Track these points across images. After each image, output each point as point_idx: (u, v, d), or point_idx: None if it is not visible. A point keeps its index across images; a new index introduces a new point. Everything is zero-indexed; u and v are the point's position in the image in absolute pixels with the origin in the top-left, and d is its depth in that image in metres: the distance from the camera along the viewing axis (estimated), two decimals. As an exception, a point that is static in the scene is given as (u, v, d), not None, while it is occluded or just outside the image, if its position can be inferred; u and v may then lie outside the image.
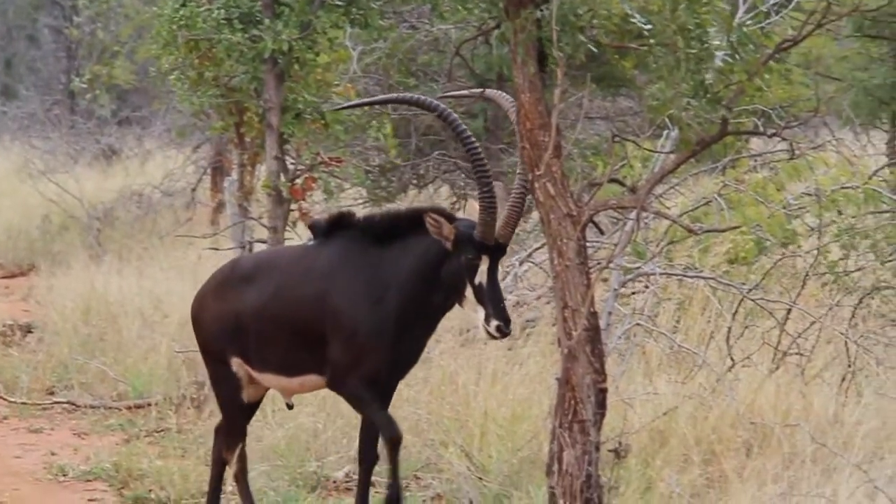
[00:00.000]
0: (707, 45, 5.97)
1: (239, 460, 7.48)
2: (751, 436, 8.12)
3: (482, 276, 6.69)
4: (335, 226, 7.11)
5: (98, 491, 8.75)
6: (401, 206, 8.91)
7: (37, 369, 11.55)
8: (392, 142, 11.32)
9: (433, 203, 13.42)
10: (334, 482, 8.54)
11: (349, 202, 13.94)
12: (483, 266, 6.69)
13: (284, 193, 9.97)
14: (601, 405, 6.27)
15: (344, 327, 6.90)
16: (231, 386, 7.34)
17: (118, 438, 9.95)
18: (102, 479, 8.92)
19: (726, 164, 11.07)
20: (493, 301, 6.66)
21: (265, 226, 10.31)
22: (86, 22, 21.31)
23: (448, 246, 6.76)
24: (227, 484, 7.75)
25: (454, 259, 6.74)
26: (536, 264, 10.80)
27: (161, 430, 9.96)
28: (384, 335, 6.85)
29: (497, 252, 6.72)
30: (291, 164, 10.22)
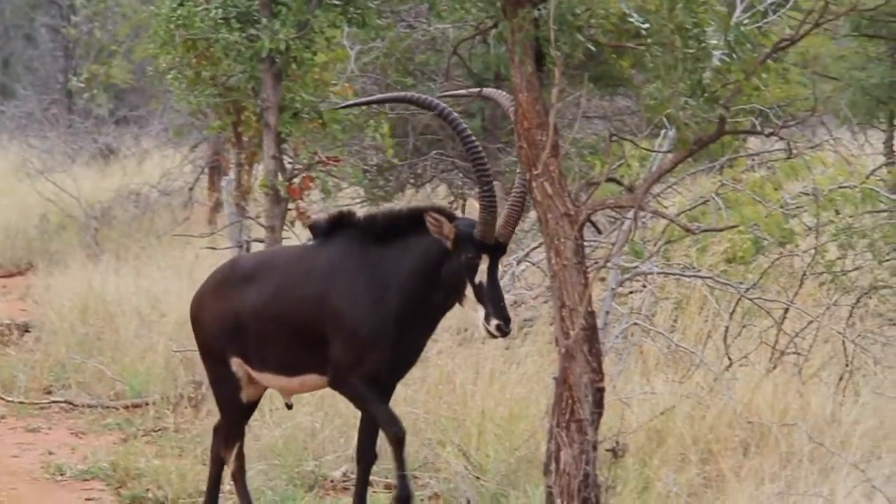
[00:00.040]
0: (704, 44, 5.97)
1: (237, 459, 7.48)
2: (748, 435, 8.12)
3: (482, 275, 6.69)
4: (335, 225, 7.10)
5: (95, 490, 8.74)
6: (401, 206, 8.86)
7: (34, 368, 11.55)
8: (389, 141, 11.29)
9: (431, 202, 13.40)
10: (332, 481, 8.54)
11: (347, 201, 13.92)
12: (483, 265, 6.69)
13: (282, 193, 9.97)
14: (598, 404, 6.27)
15: (344, 327, 6.89)
16: (230, 386, 7.33)
17: (116, 438, 9.95)
18: (100, 478, 8.92)
19: (724, 163, 11.06)
20: (493, 300, 6.67)
21: (263, 225, 10.31)
22: (83, 21, 21.28)
23: (448, 245, 6.76)
24: (224, 483, 7.75)
25: (454, 258, 6.75)
26: (534, 263, 10.79)
27: (158, 430, 9.96)
28: (385, 334, 6.85)
29: (497, 251, 6.72)
30: (289, 163, 10.22)
